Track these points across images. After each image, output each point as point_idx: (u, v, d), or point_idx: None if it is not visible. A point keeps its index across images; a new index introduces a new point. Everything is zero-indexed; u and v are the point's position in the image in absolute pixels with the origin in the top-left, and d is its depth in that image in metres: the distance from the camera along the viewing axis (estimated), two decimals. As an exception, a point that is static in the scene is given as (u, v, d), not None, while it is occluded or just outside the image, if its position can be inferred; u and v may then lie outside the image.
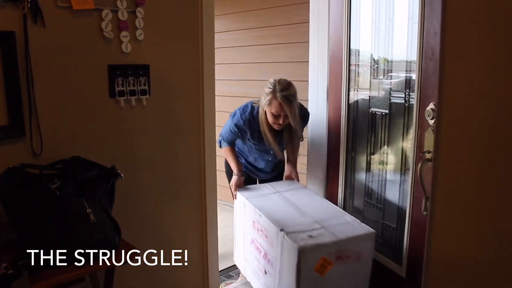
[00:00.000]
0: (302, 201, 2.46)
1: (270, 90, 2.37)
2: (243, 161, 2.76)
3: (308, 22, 2.89)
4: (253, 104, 2.51)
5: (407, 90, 2.27)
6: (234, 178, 2.61)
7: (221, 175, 2.49)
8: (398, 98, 2.34)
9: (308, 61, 2.89)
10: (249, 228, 2.45)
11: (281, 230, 2.10)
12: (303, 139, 2.73)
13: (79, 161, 1.61)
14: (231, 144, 2.64)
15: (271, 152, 2.62)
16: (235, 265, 2.87)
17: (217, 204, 2.35)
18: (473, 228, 1.00)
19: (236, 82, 3.92)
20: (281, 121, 2.40)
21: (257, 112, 2.49)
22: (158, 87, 1.92)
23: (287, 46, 3.55)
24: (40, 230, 1.37)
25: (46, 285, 1.31)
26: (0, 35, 1.47)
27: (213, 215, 2.30)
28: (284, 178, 2.80)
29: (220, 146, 2.63)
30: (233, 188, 2.61)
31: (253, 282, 2.51)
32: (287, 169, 2.77)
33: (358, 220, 2.23)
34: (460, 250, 1.04)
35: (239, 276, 2.86)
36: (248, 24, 3.80)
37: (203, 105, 2.12)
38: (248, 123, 2.50)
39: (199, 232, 2.24)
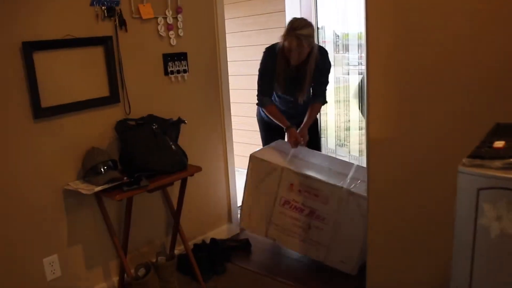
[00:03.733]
0: (324, 163, 2.78)
1: (288, 27, 2.65)
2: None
3: (282, 11, 3.85)
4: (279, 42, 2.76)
5: (360, 61, 3.27)
6: (287, 133, 2.84)
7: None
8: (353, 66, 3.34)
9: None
10: (282, 191, 2.67)
11: (342, 187, 2.47)
12: (327, 84, 2.90)
13: (153, 116, 2.52)
14: (269, 99, 2.85)
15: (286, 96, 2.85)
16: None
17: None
18: (395, 114, 1.92)
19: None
20: (291, 58, 2.67)
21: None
22: (193, 67, 2.82)
23: (266, 31, 4.49)
24: (147, 155, 2.28)
25: (156, 184, 2.23)
26: (104, 38, 2.35)
27: (230, 140, 3.15)
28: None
29: (261, 105, 2.88)
30: (292, 144, 2.81)
31: (283, 239, 2.75)
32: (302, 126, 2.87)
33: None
34: (389, 130, 1.95)
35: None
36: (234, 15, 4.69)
37: (221, 79, 3.03)
38: (270, 51, 2.78)
39: (222, 151, 3.16)
